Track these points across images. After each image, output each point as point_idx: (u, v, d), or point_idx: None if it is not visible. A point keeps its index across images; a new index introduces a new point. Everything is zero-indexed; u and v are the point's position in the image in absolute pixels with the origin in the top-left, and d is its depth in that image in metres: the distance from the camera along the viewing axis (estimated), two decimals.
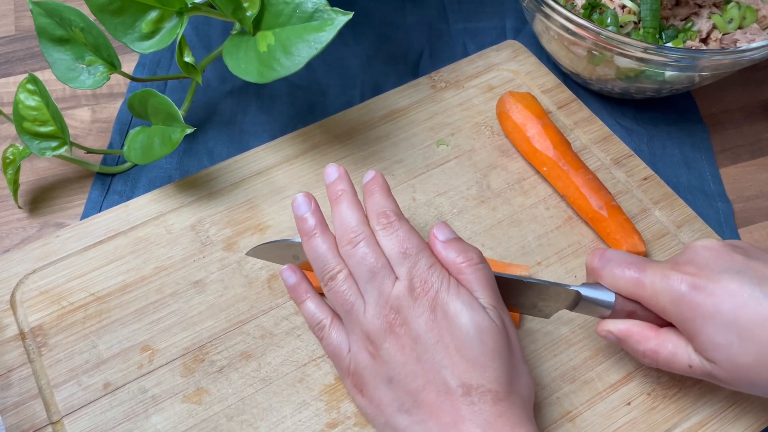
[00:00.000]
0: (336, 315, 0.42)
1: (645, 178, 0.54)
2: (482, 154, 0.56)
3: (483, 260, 0.39)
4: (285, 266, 0.44)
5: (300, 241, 0.42)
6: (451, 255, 0.39)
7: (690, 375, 0.39)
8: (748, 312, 0.36)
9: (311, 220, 0.41)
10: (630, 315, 0.41)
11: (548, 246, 0.51)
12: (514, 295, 0.43)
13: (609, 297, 0.41)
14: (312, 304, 0.42)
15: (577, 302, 0.42)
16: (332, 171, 0.42)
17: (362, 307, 0.39)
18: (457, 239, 0.40)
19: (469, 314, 0.37)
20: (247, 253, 0.46)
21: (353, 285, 0.39)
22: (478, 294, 0.38)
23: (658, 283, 0.38)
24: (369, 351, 0.39)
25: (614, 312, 0.41)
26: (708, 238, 0.44)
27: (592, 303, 0.41)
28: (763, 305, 0.35)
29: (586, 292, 0.41)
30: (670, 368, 0.39)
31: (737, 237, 0.54)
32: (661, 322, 0.40)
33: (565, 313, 0.47)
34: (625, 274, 0.40)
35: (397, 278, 0.38)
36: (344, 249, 0.40)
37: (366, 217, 0.41)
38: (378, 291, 0.38)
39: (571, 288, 0.41)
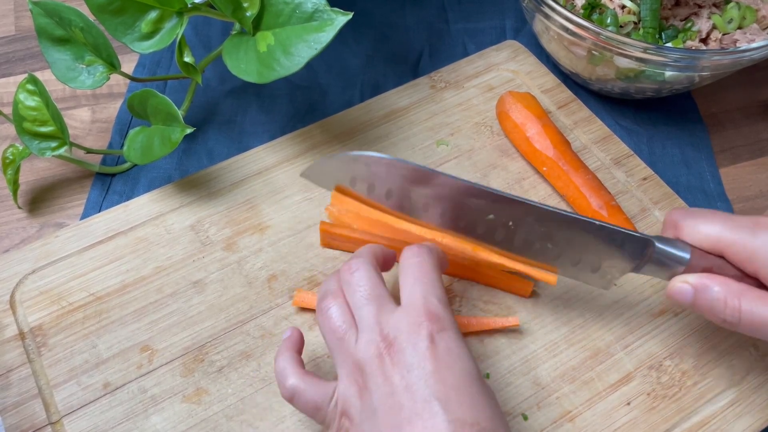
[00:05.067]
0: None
1: (645, 178, 0.54)
2: (482, 154, 0.56)
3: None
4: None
5: (364, 155, 0.40)
6: None
7: None
8: None
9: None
10: (705, 272, 0.38)
11: None
12: (576, 251, 0.40)
13: (684, 252, 0.38)
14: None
15: (648, 259, 0.39)
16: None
17: (353, 337, 0.37)
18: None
19: (472, 361, 0.35)
20: (301, 174, 0.43)
21: (346, 312, 0.37)
22: None
23: (747, 229, 0.36)
24: (358, 384, 0.35)
25: (687, 269, 0.38)
26: None
27: (665, 257, 0.38)
28: None
29: (660, 243, 0.39)
30: (754, 327, 0.36)
31: None
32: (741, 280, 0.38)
33: (566, 309, 0.47)
34: (709, 223, 0.38)
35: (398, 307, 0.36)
36: (343, 275, 0.38)
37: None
38: (375, 317, 0.36)
39: (645, 236, 0.39)
